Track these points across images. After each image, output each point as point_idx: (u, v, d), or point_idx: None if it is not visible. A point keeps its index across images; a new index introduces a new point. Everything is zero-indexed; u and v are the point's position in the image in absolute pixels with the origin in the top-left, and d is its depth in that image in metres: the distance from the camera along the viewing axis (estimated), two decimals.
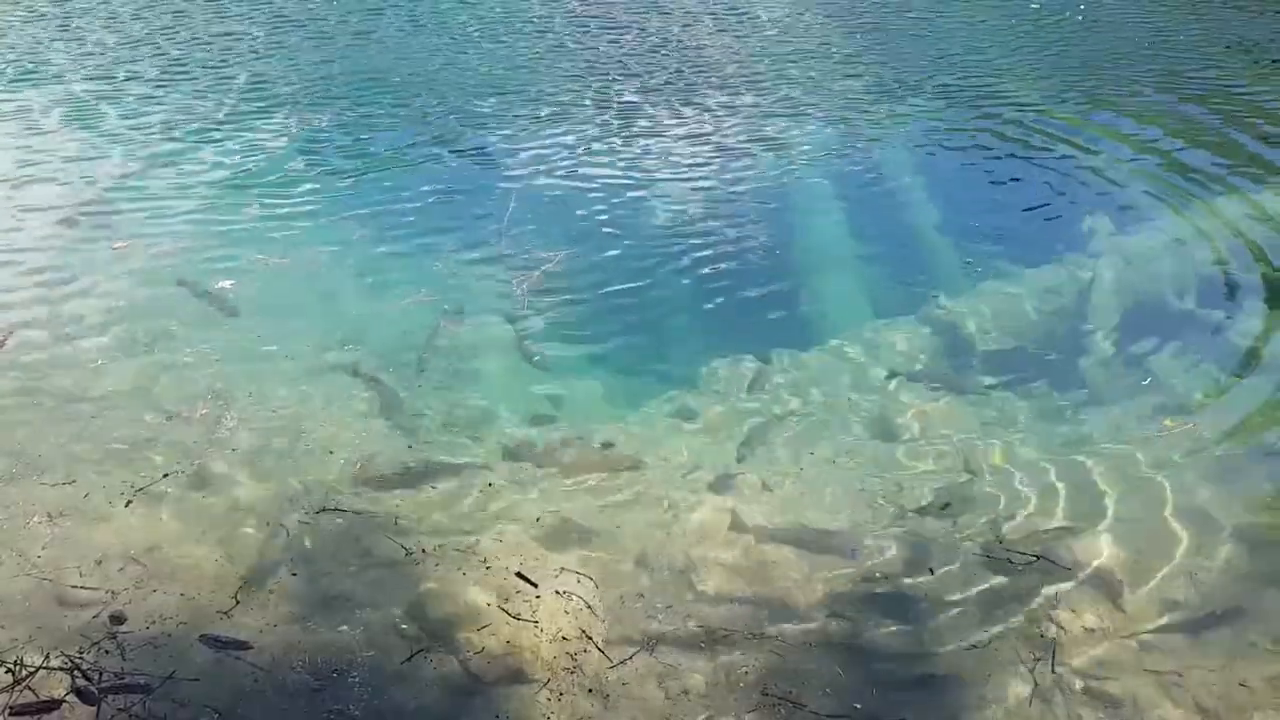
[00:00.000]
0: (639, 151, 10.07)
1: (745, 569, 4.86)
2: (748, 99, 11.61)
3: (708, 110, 11.25)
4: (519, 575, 4.67)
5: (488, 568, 4.73)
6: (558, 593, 4.60)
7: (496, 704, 4.09)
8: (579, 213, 8.77)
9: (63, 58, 12.38)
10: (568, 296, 7.46)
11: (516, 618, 4.43)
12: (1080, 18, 14.66)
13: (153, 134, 10.16)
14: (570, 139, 10.30)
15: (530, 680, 4.18)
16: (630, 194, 9.13)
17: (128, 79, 11.77)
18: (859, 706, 4.13)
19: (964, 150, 10.39)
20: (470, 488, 5.38)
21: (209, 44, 13.04)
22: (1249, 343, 6.88)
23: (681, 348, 6.98)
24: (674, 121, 10.89)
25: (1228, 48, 13.58)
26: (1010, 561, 4.89)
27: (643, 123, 10.81)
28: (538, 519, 5.13)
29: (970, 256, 8.22)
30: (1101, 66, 12.85)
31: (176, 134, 10.22)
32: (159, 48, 12.97)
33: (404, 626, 4.40)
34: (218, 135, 10.20)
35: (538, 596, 4.55)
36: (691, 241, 8.31)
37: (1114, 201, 9.12)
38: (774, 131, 10.66)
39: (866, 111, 11.31)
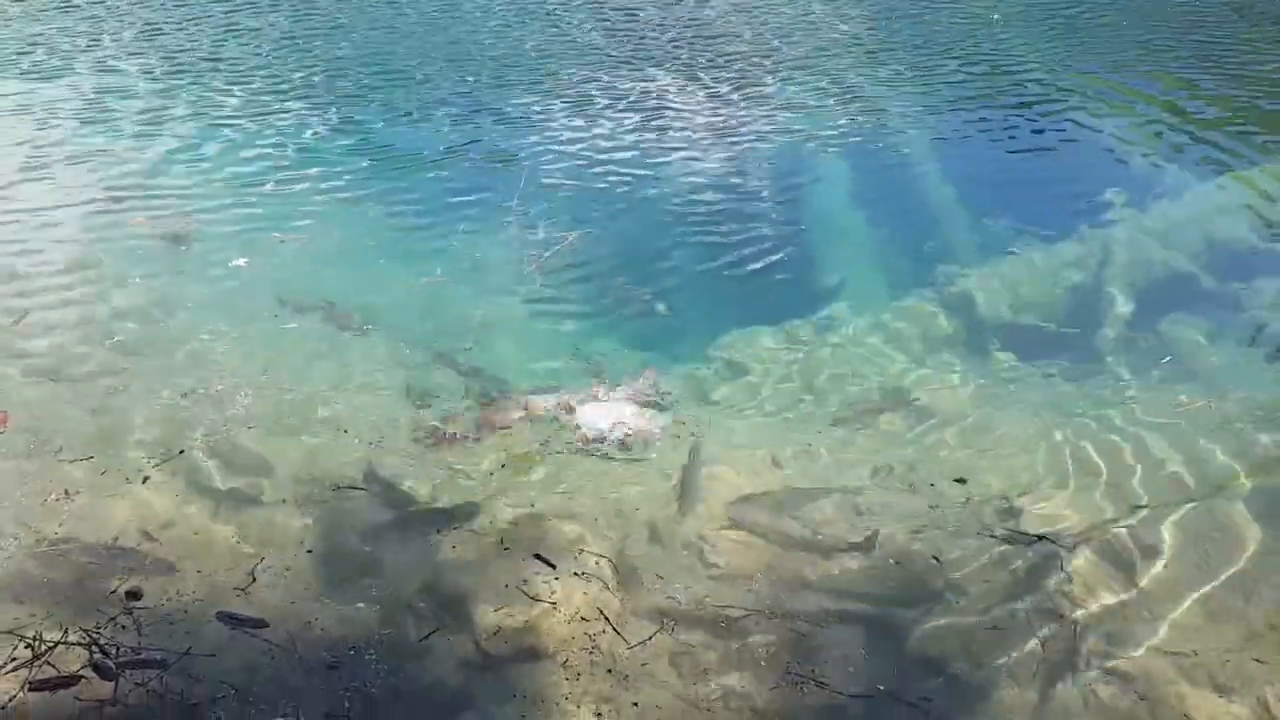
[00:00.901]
0: (652, 131, 9.95)
1: (762, 547, 4.81)
2: (762, 79, 11.47)
3: (720, 90, 11.12)
4: (537, 557, 4.63)
5: (505, 548, 4.69)
6: (575, 573, 4.56)
7: (513, 683, 4.06)
8: (591, 192, 8.69)
9: (81, 49, 12.31)
10: (580, 274, 7.39)
11: (534, 598, 4.40)
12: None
13: (165, 116, 10.09)
14: (582, 120, 10.20)
15: (548, 660, 4.15)
16: (643, 172, 9.03)
17: (139, 70, 11.72)
18: (882, 688, 4.09)
19: (980, 124, 10.26)
20: (485, 466, 5.33)
21: (221, 33, 12.94)
22: (1269, 316, 6.79)
23: (695, 324, 6.90)
24: (686, 100, 10.77)
25: (1254, 26, 13.33)
26: (1024, 539, 4.84)
27: (655, 103, 10.69)
28: (554, 498, 5.09)
29: (986, 230, 8.14)
30: (1121, 38, 12.64)
31: (189, 116, 10.15)
32: (162, 32, 12.89)
33: (420, 605, 4.37)
34: (233, 117, 10.14)
35: (555, 577, 4.51)
36: (704, 219, 8.22)
37: (1132, 174, 9.01)
38: (788, 110, 10.53)
39: (881, 89, 11.16)
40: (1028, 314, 7.12)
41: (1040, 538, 4.83)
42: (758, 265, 7.59)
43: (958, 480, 5.32)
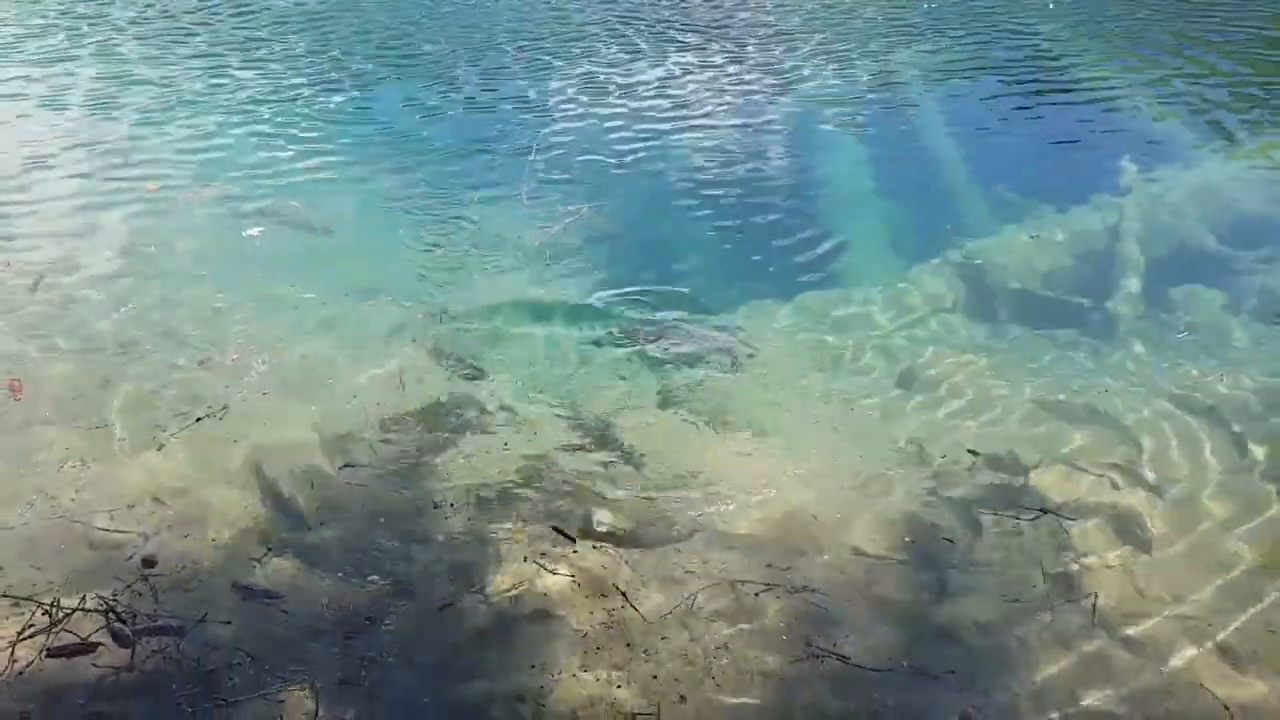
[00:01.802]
0: (664, 106, 9.80)
1: (779, 522, 4.74)
2: (775, 49, 11.29)
3: (734, 60, 10.96)
4: (555, 529, 4.57)
5: (523, 521, 4.64)
6: (593, 547, 4.51)
7: (529, 654, 4.02)
8: (602, 165, 8.57)
9: (95, 31, 12.22)
10: (591, 247, 7.28)
11: (552, 572, 4.35)
12: None
13: (179, 90, 10.03)
14: (593, 94, 10.07)
15: (565, 634, 4.10)
16: (655, 146, 8.90)
17: (154, 46, 11.63)
18: (905, 663, 4.02)
19: (993, 95, 10.11)
20: (499, 440, 5.26)
21: (238, 13, 12.83)
22: None
23: (707, 296, 6.77)
24: (698, 71, 10.62)
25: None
26: (1039, 509, 4.79)
27: (667, 78, 10.53)
28: (570, 471, 5.03)
29: (1000, 202, 8.00)
30: (1137, 6, 12.34)
31: (206, 87, 10.11)
32: (172, 14, 12.80)
33: (436, 578, 4.33)
34: (247, 94, 10.07)
35: (575, 550, 4.46)
36: (717, 192, 8.09)
37: (1147, 144, 8.86)
38: (800, 80, 10.38)
39: (895, 59, 10.95)
40: (1042, 285, 7.03)
41: (1050, 510, 4.78)
42: (769, 237, 7.48)
43: (970, 452, 5.23)
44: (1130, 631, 4.17)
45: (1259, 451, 5.24)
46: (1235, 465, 5.16)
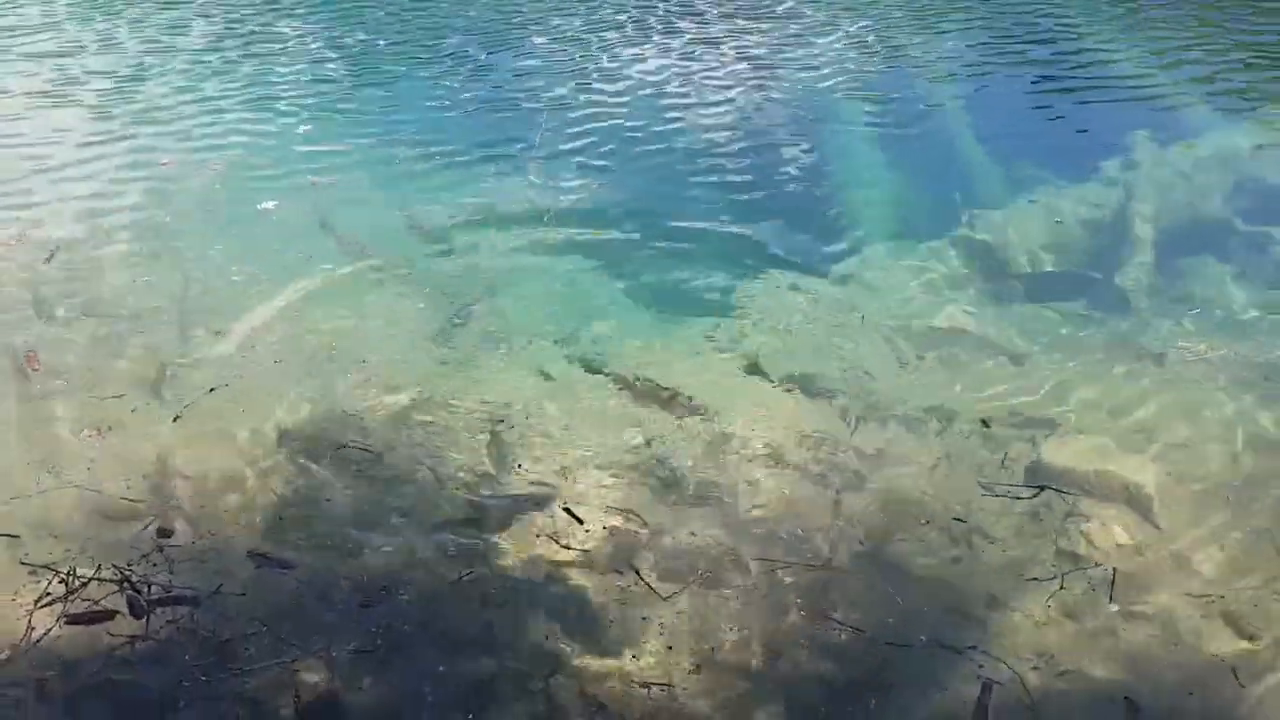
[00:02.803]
0: (675, 78, 9.67)
1: (791, 498, 4.68)
2: (786, 22, 11.10)
3: (744, 33, 10.79)
4: (565, 510, 4.53)
5: (535, 503, 4.59)
6: (604, 525, 4.47)
7: (544, 628, 4.00)
8: (609, 135, 8.46)
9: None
10: (599, 220, 7.17)
11: (566, 547, 4.33)
12: None
13: (196, 63, 10.01)
14: (601, 62, 9.96)
15: (579, 609, 4.08)
16: (665, 119, 8.77)
17: (169, 18, 11.60)
18: (924, 638, 3.98)
19: (1003, 66, 9.94)
20: (508, 417, 5.18)
21: None
22: None
23: (717, 271, 6.65)
24: (708, 44, 10.46)
25: None
26: (1049, 483, 4.73)
27: (678, 50, 10.38)
28: (578, 447, 4.97)
29: (1010, 175, 7.86)
30: None
31: (220, 58, 10.07)
32: None
33: (451, 552, 4.30)
34: (263, 62, 10.03)
35: (586, 530, 4.43)
36: (726, 166, 7.97)
37: (1158, 115, 8.68)
38: (810, 53, 10.21)
39: (903, 32, 10.75)
40: (1050, 258, 6.91)
41: (1060, 483, 4.72)
42: (779, 210, 7.34)
43: (983, 423, 5.17)
44: (1140, 602, 4.13)
45: (1268, 421, 5.16)
46: (1244, 436, 5.07)
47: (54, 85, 9.32)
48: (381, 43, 10.64)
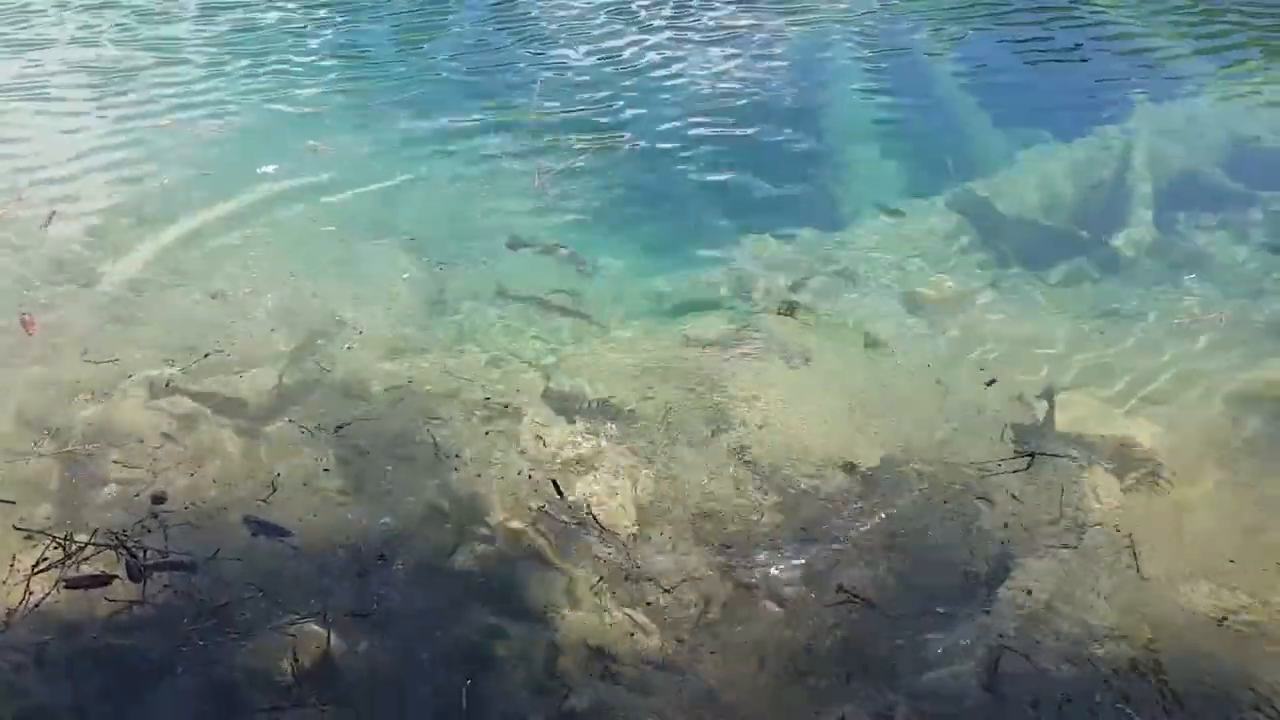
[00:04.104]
0: (669, 40, 9.42)
1: (793, 461, 4.60)
2: None
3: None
4: (554, 484, 4.46)
5: (530, 471, 4.54)
6: (606, 485, 4.42)
7: (544, 596, 3.98)
8: (605, 94, 8.30)
9: None
10: (594, 181, 7.05)
11: (567, 507, 4.29)
12: None
13: (196, 29, 9.83)
14: (598, 29, 9.70)
15: (578, 575, 4.05)
16: (660, 81, 8.56)
17: None
18: (941, 610, 3.93)
19: (1001, 25, 9.65)
20: (507, 380, 5.12)
21: None
22: None
23: (713, 230, 6.55)
24: (704, 10, 10.19)
25: None
26: (1052, 445, 4.66)
27: (672, 12, 10.10)
28: (577, 408, 4.91)
29: (1006, 134, 7.68)
30: None
31: (224, 22, 9.90)
32: None
33: (447, 525, 4.26)
34: (265, 22, 9.86)
35: (588, 505, 4.37)
36: (722, 128, 7.78)
37: (1155, 75, 8.46)
38: (810, 14, 9.92)
39: None
40: (1046, 218, 6.77)
41: (1063, 445, 4.66)
42: (775, 174, 7.17)
43: (988, 383, 5.08)
44: (1146, 564, 4.08)
45: (1263, 380, 5.07)
46: (1242, 397, 4.99)
47: (48, 45, 9.19)
48: (380, 18, 10.41)
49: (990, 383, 5.09)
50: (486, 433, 4.72)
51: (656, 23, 9.73)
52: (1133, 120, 7.72)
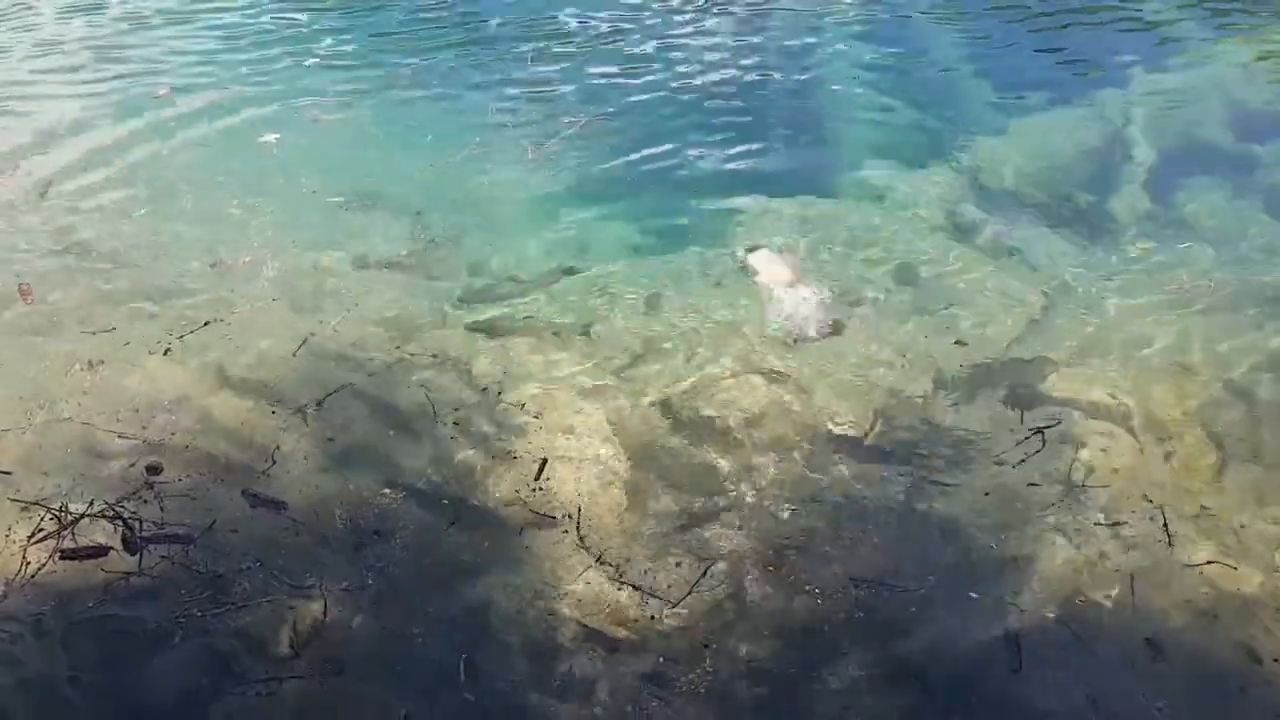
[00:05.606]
0: (662, 10, 9.25)
1: (787, 437, 4.52)
2: None
3: None
4: (543, 463, 4.38)
5: (527, 446, 4.48)
6: (599, 464, 4.36)
7: (541, 572, 3.93)
8: (598, 70, 8.13)
9: None
10: (589, 155, 6.90)
11: (552, 496, 4.22)
12: None
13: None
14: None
15: (573, 555, 3.99)
16: (655, 52, 8.40)
17: None
18: (958, 589, 3.87)
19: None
20: (505, 355, 5.04)
21: None
22: None
23: (708, 201, 6.41)
24: None
25: None
26: (1046, 416, 4.62)
27: None
28: (574, 384, 4.83)
29: (1001, 100, 7.55)
30: None
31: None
32: None
33: (444, 501, 4.19)
34: (269, 4, 9.70)
35: (581, 488, 4.31)
36: (717, 98, 7.63)
37: (1150, 39, 8.33)
38: None
39: None
40: (1041, 184, 6.62)
41: (1056, 410, 4.65)
42: (770, 142, 7.06)
43: (958, 342, 5.06)
44: (1140, 529, 4.07)
45: (1261, 347, 5.02)
46: (1236, 363, 4.95)
47: (43, 16, 9.07)
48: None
49: (958, 342, 5.03)
50: (487, 406, 4.66)
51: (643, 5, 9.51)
52: (1126, 83, 7.60)
